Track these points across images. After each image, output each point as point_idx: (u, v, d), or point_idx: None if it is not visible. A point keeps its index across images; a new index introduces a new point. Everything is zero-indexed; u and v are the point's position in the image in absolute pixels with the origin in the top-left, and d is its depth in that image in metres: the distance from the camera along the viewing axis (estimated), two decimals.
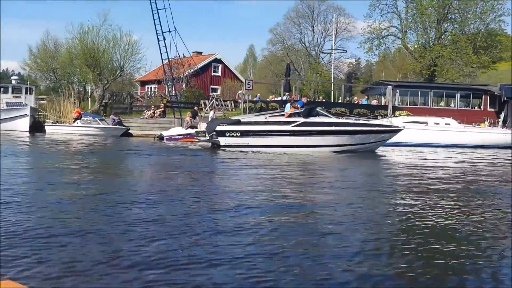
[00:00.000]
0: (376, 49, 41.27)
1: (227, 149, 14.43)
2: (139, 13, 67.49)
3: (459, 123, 22.29)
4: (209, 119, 19.90)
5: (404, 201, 5.92)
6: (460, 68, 36.76)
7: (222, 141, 14.71)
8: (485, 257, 3.57)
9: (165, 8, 25.20)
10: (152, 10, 25.18)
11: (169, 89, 27.91)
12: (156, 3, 25.15)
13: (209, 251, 3.40)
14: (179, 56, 28.22)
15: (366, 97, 31.72)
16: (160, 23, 25.63)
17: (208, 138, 15.39)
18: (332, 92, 39.90)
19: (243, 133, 14.75)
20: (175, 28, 25.68)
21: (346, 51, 49.87)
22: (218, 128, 14.84)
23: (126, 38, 32.47)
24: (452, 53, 36.41)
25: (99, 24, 32.76)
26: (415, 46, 40.63)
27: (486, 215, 5.13)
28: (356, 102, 27.80)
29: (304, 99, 17.17)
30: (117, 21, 68.05)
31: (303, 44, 55.20)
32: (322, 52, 53.90)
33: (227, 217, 4.57)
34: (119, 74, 33.76)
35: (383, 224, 4.58)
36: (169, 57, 26.55)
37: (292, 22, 54.26)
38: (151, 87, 39.20)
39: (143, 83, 42.08)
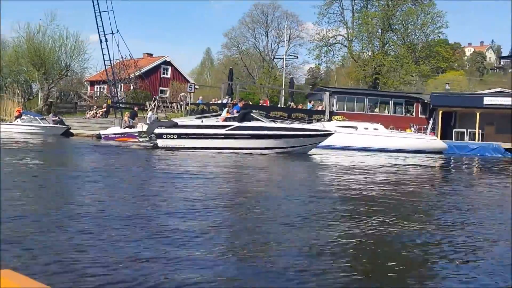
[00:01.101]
0: (325, 56, 42.85)
1: (163, 150, 14.98)
2: (86, 13, 66.89)
3: (391, 129, 23.60)
4: (147, 120, 20.43)
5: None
6: (400, 77, 38.80)
7: (160, 142, 15.31)
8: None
9: (108, 11, 25.40)
10: (95, 12, 25.36)
11: (112, 90, 28.01)
12: (99, 5, 25.33)
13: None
14: (123, 58, 28.38)
15: (310, 102, 32.93)
16: (103, 25, 25.86)
17: (148, 139, 15.99)
18: (284, 96, 40.97)
19: (180, 136, 15.43)
20: (117, 31, 25.94)
21: (298, 57, 51.11)
22: (156, 130, 15.44)
23: (73, 38, 32.37)
24: (393, 62, 38.36)
25: (46, 24, 32.59)
26: (360, 54, 42.42)
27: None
28: (295, 107, 28.78)
29: (240, 104, 18.00)
30: (65, 20, 66.96)
31: (257, 49, 56.20)
32: (275, 58, 55.14)
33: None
34: (65, 74, 33.52)
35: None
36: (112, 59, 26.70)
37: (247, 27, 55.22)
38: (99, 87, 39.02)
39: (92, 83, 41.77)
